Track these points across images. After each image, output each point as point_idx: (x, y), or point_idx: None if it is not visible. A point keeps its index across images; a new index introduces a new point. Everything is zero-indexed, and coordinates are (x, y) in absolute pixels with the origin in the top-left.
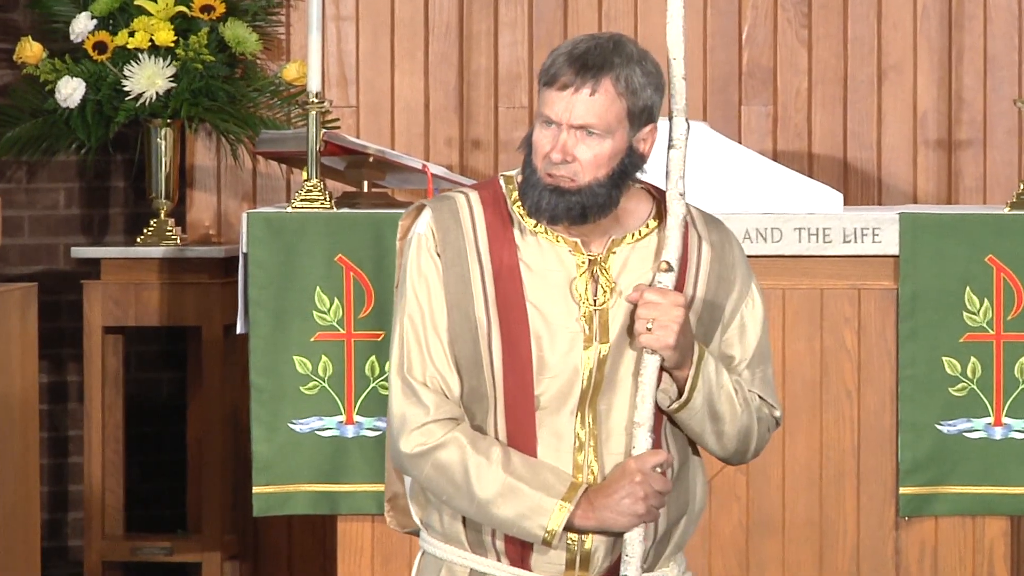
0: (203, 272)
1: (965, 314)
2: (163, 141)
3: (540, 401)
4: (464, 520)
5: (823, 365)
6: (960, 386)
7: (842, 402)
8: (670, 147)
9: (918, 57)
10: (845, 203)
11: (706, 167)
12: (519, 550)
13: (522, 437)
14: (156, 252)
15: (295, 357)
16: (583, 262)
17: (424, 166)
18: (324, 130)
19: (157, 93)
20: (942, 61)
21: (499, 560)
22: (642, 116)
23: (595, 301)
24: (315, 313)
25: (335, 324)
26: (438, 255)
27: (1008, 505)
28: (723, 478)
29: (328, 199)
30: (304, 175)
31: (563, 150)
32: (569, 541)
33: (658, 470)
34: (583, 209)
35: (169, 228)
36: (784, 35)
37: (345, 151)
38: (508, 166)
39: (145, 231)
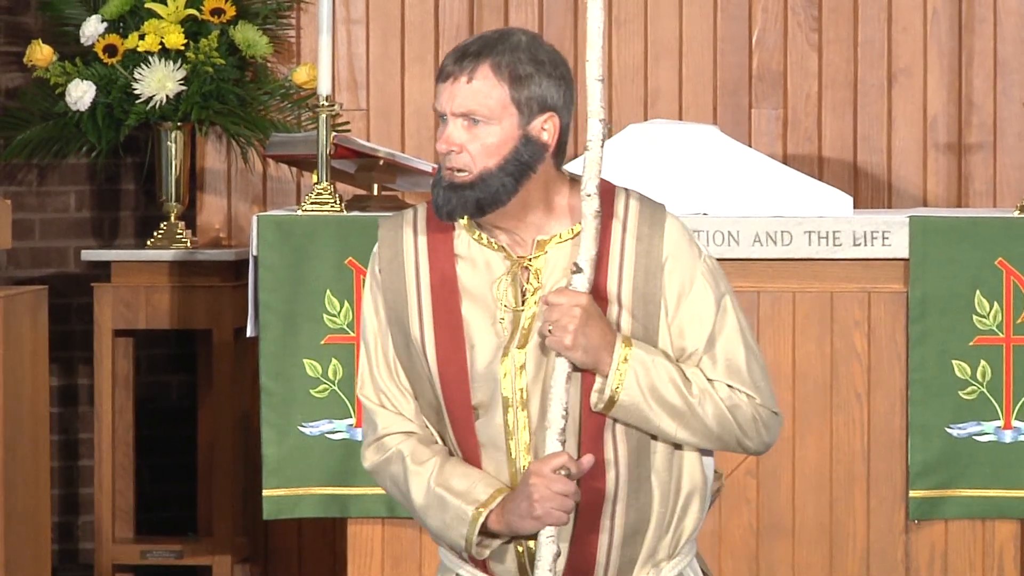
0: (213, 275)
1: (975, 317)
2: (173, 144)
3: (478, 412)
4: None
5: (833, 368)
6: (970, 389)
7: (852, 405)
8: (585, 148)
9: (928, 60)
10: (855, 206)
11: (716, 170)
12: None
13: (467, 448)
14: (166, 255)
15: (305, 360)
16: (508, 265)
17: (434, 169)
18: (334, 133)
19: (167, 96)
20: (952, 64)
21: (474, 566)
22: (531, 104)
23: (522, 303)
24: (325, 316)
25: (345, 327)
26: (379, 272)
27: (1018, 508)
28: (733, 481)
29: (338, 202)
30: (314, 178)
31: (447, 140)
32: (518, 549)
33: (561, 472)
34: (477, 202)
35: (179, 231)
36: (794, 39)
37: (355, 154)
38: None
39: (155, 234)
